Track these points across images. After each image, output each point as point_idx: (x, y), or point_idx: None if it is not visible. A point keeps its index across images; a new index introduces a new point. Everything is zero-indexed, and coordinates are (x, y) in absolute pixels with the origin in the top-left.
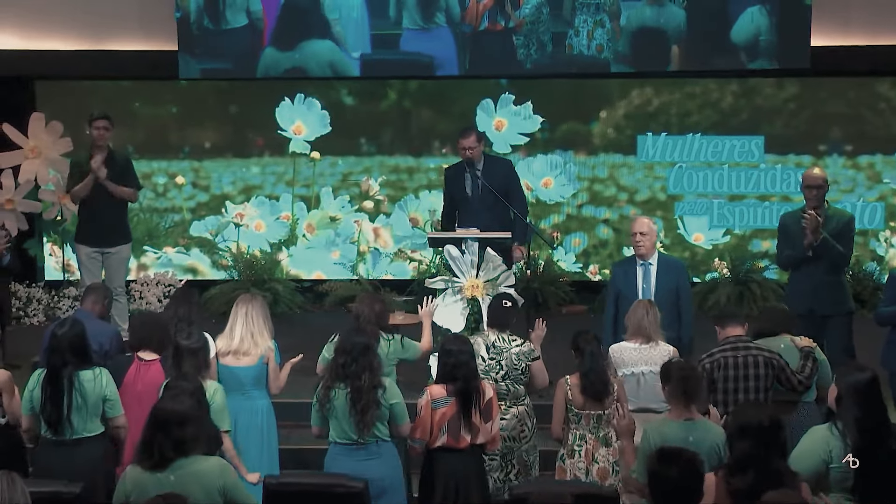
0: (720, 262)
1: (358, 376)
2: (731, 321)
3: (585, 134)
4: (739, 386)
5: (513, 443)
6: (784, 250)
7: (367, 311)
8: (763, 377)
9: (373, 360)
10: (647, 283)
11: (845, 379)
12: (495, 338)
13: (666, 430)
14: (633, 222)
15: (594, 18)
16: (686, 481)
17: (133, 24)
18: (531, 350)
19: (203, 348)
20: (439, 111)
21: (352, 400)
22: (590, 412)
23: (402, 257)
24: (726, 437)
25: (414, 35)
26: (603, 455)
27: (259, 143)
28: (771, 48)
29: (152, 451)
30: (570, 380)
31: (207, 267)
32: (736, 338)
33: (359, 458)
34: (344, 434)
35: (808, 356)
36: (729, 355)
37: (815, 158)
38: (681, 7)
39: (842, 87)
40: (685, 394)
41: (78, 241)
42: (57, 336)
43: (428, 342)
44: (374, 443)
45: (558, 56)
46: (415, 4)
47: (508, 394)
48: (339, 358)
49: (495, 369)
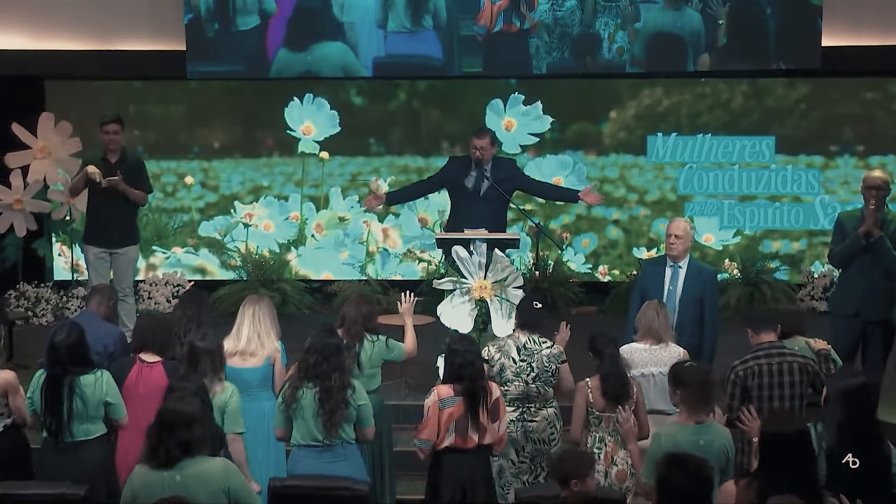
0: (731, 263)
1: (328, 376)
2: (764, 327)
3: (595, 134)
4: (774, 394)
5: (542, 445)
6: (836, 247)
7: (354, 312)
8: (798, 384)
9: (343, 361)
10: (675, 285)
11: (836, 382)
12: (526, 339)
13: (677, 434)
14: (670, 223)
15: (615, 21)
16: (694, 488)
17: (142, 23)
18: (560, 352)
19: (219, 349)
20: (449, 111)
21: (320, 399)
22: (610, 415)
23: (410, 258)
24: (757, 447)
25: (426, 36)
26: (622, 457)
27: (268, 144)
28: (782, 49)
29: (158, 451)
30: (591, 382)
31: (216, 267)
32: (769, 344)
33: (325, 461)
34: (309, 435)
35: (826, 359)
36: (763, 363)
37: (826, 159)
38: (697, 10)
39: (853, 87)
40: (703, 399)
41: (86, 242)
42: (55, 345)
43: (411, 341)
44: (339, 444)
45: (575, 58)
46: (426, 6)
47: (539, 396)
48: (310, 357)
49: (526, 371)
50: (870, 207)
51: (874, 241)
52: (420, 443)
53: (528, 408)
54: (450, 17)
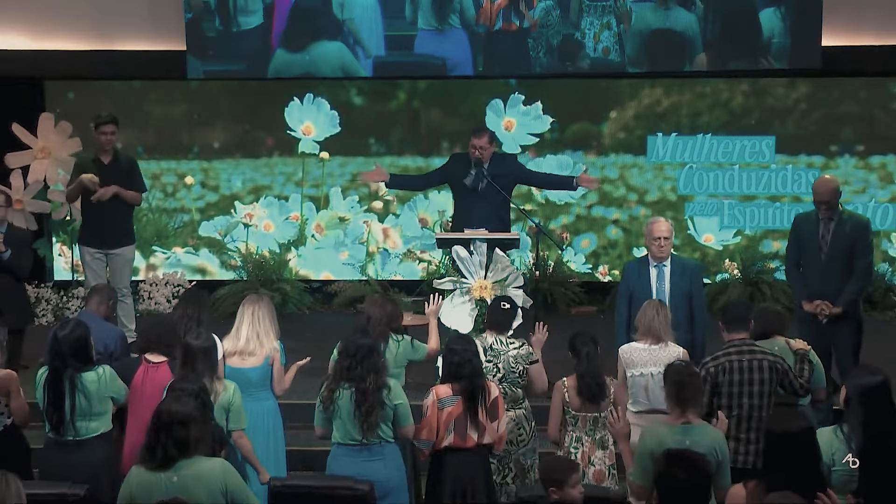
0: (731, 263)
1: (363, 378)
2: (737, 325)
3: (595, 134)
4: (744, 390)
5: (510, 446)
6: (794, 254)
7: (379, 312)
8: (767, 381)
9: (378, 362)
10: (661, 283)
11: (854, 381)
12: (493, 340)
13: (662, 434)
14: (654, 225)
15: (601, 21)
16: (694, 482)
17: (142, 23)
18: (529, 353)
19: (213, 348)
20: (449, 111)
21: (356, 401)
22: (586, 414)
23: (411, 258)
24: (764, 448)
25: (428, 36)
26: (599, 458)
27: (268, 144)
28: (782, 48)
29: (155, 451)
30: (567, 382)
31: (216, 267)
32: (741, 341)
33: (363, 459)
34: (348, 435)
35: (803, 359)
36: (734, 359)
37: (827, 159)
38: (695, 11)
39: (853, 87)
40: (678, 398)
41: (82, 243)
42: (58, 339)
43: (435, 342)
44: (377, 444)
45: (570, 57)
46: (429, 5)
47: (506, 397)
48: (344, 361)
49: (492, 372)
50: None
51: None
52: (419, 443)
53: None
54: (463, 17)
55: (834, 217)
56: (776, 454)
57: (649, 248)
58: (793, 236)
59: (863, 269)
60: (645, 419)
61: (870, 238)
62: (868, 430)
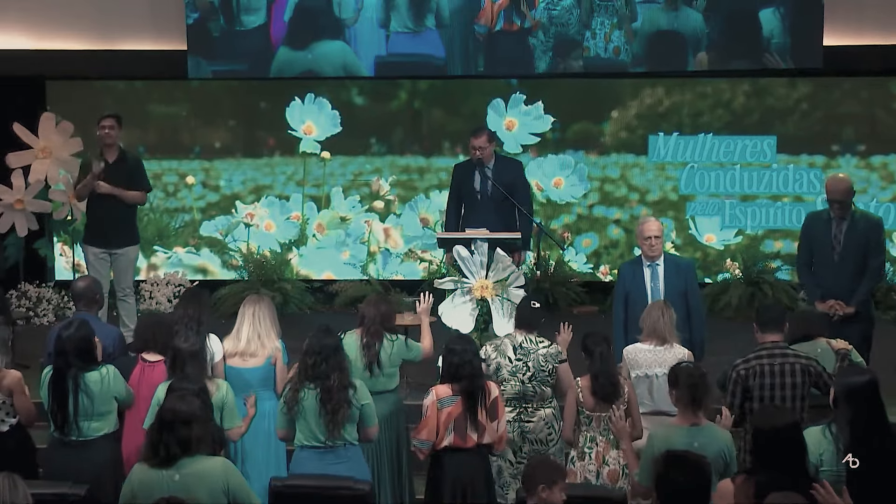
0: (732, 263)
1: (327, 376)
2: (771, 327)
3: (597, 134)
4: (776, 394)
5: (540, 446)
6: (805, 254)
7: (373, 312)
8: (800, 385)
9: (342, 361)
10: (656, 283)
11: (842, 381)
12: (522, 339)
13: (671, 436)
14: (644, 224)
15: (611, 21)
16: (694, 484)
17: (144, 23)
18: (558, 352)
19: (201, 351)
20: (450, 111)
21: (321, 400)
22: (600, 414)
23: (412, 258)
24: (751, 445)
25: (427, 36)
26: (614, 457)
27: (269, 143)
28: (783, 48)
29: (158, 449)
30: (581, 382)
31: (217, 267)
32: (773, 343)
33: (327, 462)
34: (312, 436)
35: (844, 358)
36: (765, 362)
37: (828, 159)
38: (698, 11)
39: (855, 86)
40: (693, 400)
41: (85, 243)
42: (62, 338)
43: (429, 341)
44: (342, 446)
45: (575, 57)
46: (428, 5)
47: (535, 395)
48: (309, 358)
49: (522, 370)
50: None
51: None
52: (419, 443)
53: (525, 408)
54: (452, 17)
55: (846, 216)
56: (763, 450)
57: (641, 247)
58: (804, 236)
59: (876, 267)
60: (649, 421)
61: (883, 237)
62: (855, 430)
